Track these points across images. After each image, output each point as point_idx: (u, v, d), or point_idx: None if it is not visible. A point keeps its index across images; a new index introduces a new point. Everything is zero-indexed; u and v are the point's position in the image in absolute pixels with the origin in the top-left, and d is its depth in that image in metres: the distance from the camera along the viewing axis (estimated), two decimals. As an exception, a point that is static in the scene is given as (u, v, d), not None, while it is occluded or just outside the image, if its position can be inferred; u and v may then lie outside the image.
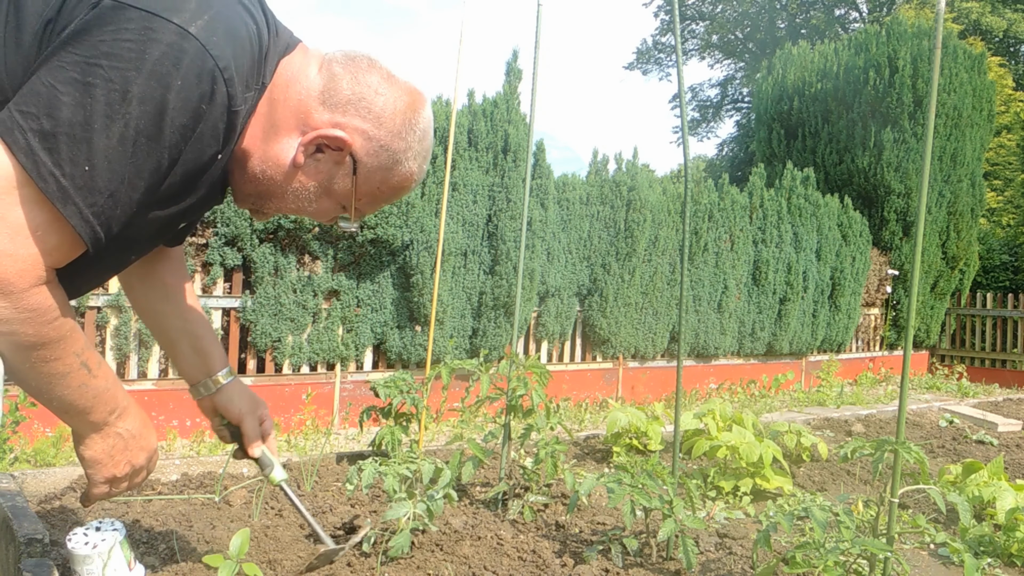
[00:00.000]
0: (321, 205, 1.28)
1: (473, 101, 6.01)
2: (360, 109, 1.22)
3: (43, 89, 0.96)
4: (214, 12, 1.05)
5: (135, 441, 1.31)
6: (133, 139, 1.00)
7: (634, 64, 29.36)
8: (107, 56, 0.97)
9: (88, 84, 0.96)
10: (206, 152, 1.11)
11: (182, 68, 1.00)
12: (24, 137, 0.95)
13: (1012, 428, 5.53)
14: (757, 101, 11.17)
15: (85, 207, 0.99)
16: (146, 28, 0.98)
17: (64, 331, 1.08)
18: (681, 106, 2.57)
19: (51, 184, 0.96)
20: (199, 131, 1.06)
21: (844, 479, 3.83)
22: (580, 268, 6.58)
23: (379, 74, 1.25)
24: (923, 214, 2.06)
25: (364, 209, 1.33)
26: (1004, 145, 16.99)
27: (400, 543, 2.08)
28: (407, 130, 1.26)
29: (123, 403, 1.26)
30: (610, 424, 3.94)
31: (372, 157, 1.24)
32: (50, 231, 0.99)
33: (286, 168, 1.21)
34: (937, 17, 2.08)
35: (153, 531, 2.21)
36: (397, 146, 1.25)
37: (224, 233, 4.86)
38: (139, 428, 1.31)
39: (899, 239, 9.54)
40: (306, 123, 1.20)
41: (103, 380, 1.19)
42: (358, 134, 1.22)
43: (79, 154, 0.97)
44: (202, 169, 1.13)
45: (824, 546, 2.00)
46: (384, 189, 1.30)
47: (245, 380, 5.03)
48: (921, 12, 18.26)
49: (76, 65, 0.96)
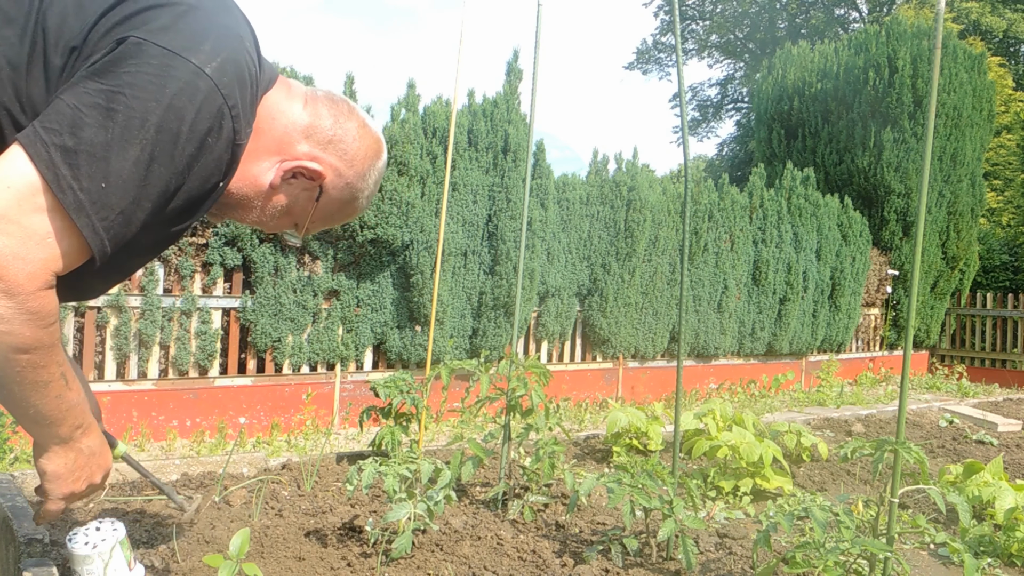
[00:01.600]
0: (279, 221, 1.41)
1: (473, 101, 6.01)
2: (338, 150, 1.36)
3: (68, 110, 1.04)
4: (226, 55, 1.15)
5: (94, 459, 1.35)
6: (147, 163, 1.08)
7: (634, 64, 29.35)
8: (130, 86, 1.06)
9: (111, 110, 1.05)
10: (209, 181, 1.20)
11: (196, 103, 1.10)
12: (47, 151, 1.02)
13: (1012, 428, 5.53)
14: (757, 101, 11.17)
15: (97, 220, 1.07)
16: (167, 65, 1.08)
17: (55, 338, 1.12)
18: (681, 106, 2.57)
19: (69, 196, 1.04)
20: (204, 161, 1.16)
21: (844, 479, 3.83)
22: (580, 268, 6.58)
23: (357, 121, 1.40)
24: (923, 214, 2.06)
25: (312, 229, 1.46)
26: (1004, 145, 16.98)
27: (402, 544, 2.08)
28: (368, 173, 1.42)
29: (88, 420, 1.30)
30: (610, 424, 3.94)
31: (337, 191, 1.39)
32: (61, 239, 1.06)
33: (262, 188, 1.32)
34: (937, 17, 2.08)
35: (153, 531, 2.21)
36: (358, 185, 1.42)
37: (224, 233, 4.86)
38: (98, 447, 1.36)
39: (899, 239, 9.54)
40: (288, 152, 1.33)
41: (75, 394, 1.23)
42: (331, 170, 1.36)
43: (97, 171, 1.05)
44: (204, 196, 1.23)
45: (824, 546, 2.00)
46: (336, 216, 1.46)
47: (245, 380, 5.03)
48: (921, 12, 18.26)
49: (100, 92, 1.05)
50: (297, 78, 5.04)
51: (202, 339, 4.85)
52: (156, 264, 4.71)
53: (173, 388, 4.75)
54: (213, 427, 4.83)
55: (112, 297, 4.56)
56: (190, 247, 4.80)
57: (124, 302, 4.58)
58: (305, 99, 1.36)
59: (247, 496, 2.66)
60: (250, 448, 4.61)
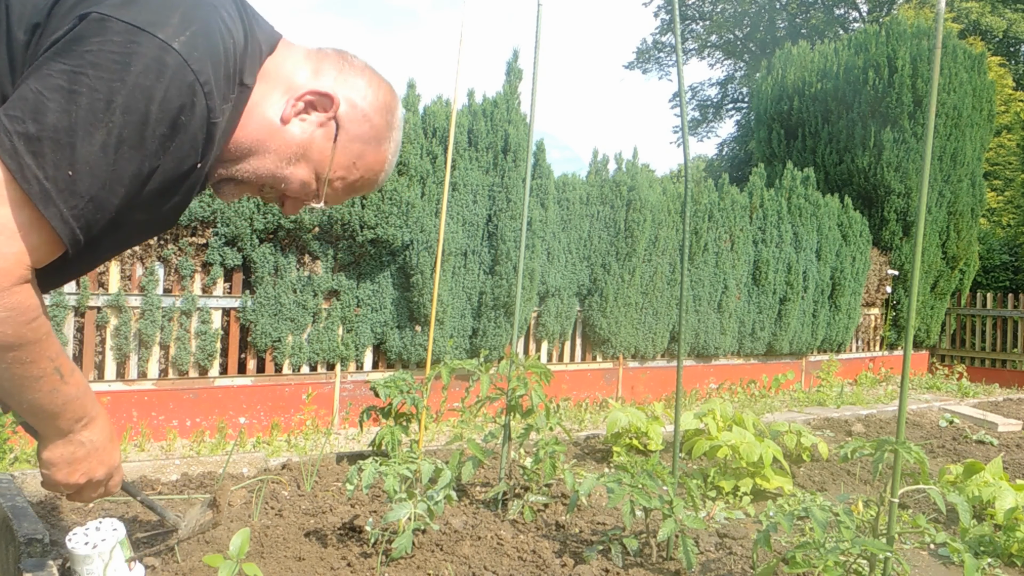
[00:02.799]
0: (296, 172, 1.29)
1: (473, 101, 6.01)
2: (348, 82, 1.30)
3: (30, 95, 0.99)
4: (196, 28, 1.09)
5: (96, 454, 1.31)
6: (115, 147, 1.03)
7: (634, 64, 29.36)
8: (93, 66, 1.00)
9: (74, 92, 0.99)
10: (185, 162, 1.14)
11: (165, 81, 1.04)
12: (10, 140, 0.98)
13: (1012, 428, 5.53)
14: (757, 101, 11.17)
15: (66, 209, 1.02)
16: (131, 41, 1.02)
17: (41, 333, 1.09)
18: (681, 106, 2.57)
19: (34, 186, 0.99)
20: (178, 141, 1.10)
21: (844, 479, 3.83)
22: (580, 268, 6.58)
23: (364, 63, 1.35)
24: (923, 214, 2.06)
25: (336, 188, 1.35)
26: (1004, 145, 16.99)
27: (403, 544, 2.08)
28: (388, 112, 1.34)
29: (92, 413, 1.27)
30: (610, 424, 3.94)
31: (354, 125, 1.30)
32: (31, 231, 1.02)
33: (273, 125, 1.25)
34: (937, 17, 2.08)
35: (153, 531, 2.21)
36: (379, 121, 1.33)
37: (224, 233, 4.86)
38: (103, 442, 1.32)
39: (899, 239, 9.54)
40: (297, 88, 1.27)
41: (74, 388, 1.20)
42: (345, 100, 1.29)
43: (62, 158, 1.00)
44: (181, 178, 1.17)
45: (824, 546, 2.00)
46: (359, 166, 1.34)
47: (245, 380, 5.03)
48: (921, 12, 18.26)
49: (63, 74, 1.00)
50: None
51: (202, 339, 4.85)
52: (156, 264, 4.71)
53: (173, 388, 4.75)
54: (213, 427, 4.83)
55: (112, 297, 4.56)
56: (190, 247, 4.80)
57: (124, 302, 4.58)
58: (309, 50, 1.33)
59: (247, 496, 2.66)
60: (250, 448, 4.61)
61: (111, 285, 4.60)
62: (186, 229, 4.80)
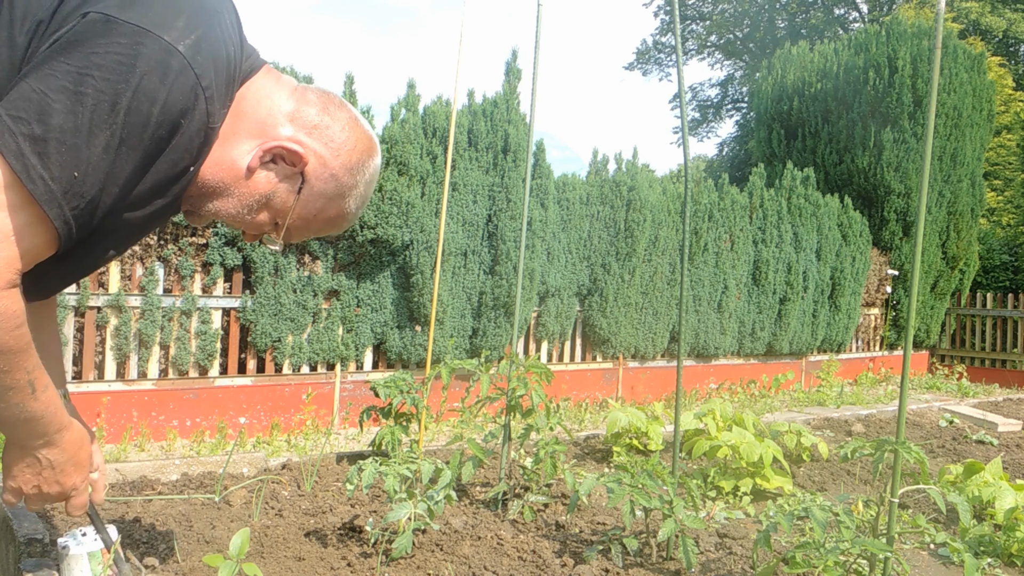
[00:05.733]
0: (257, 216, 1.30)
1: (473, 101, 6.01)
2: (323, 136, 1.28)
3: (35, 96, 0.98)
4: (201, 32, 1.10)
5: (52, 473, 1.29)
6: (116, 148, 1.03)
7: (634, 64, 29.35)
8: (99, 68, 1.00)
9: (79, 93, 0.99)
10: (179, 164, 1.14)
11: (168, 84, 1.04)
12: (15, 141, 0.97)
13: (1012, 428, 5.53)
14: (756, 101, 11.17)
15: (68, 210, 1.02)
16: (136, 43, 1.02)
17: (23, 343, 1.07)
18: (681, 106, 2.57)
19: (40, 186, 0.99)
20: (175, 143, 1.10)
21: (844, 479, 3.83)
22: (580, 268, 6.58)
23: (347, 114, 1.32)
24: (923, 214, 2.06)
25: (292, 233, 1.36)
26: (1004, 145, 16.98)
27: (403, 544, 2.08)
28: (358, 170, 1.32)
29: (54, 435, 1.24)
30: (610, 424, 3.94)
31: (320, 182, 1.29)
32: (27, 233, 1.01)
33: (239, 172, 1.23)
34: (937, 17, 2.08)
35: (153, 531, 2.21)
36: (345, 181, 1.31)
37: (224, 233, 4.86)
38: (63, 464, 1.29)
39: (899, 239, 9.54)
40: (269, 134, 1.24)
41: (42, 406, 1.17)
42: (315, 157, 1.27)
43: (68, 160, 1.00)
44: (172, 180, 1.16)
45: (824, 546, 2.00)
46: (319, 218, 1.34)
47: (245, 380, 5.03)
48: (921, 12, 18.25)
49: (68, 74, 0.99)
50: (297, 78, 5.04)
51: (202, 339, 4.85)
52: (156, 264, 4.71)
53: (173, 388, 4.75)
54: (213, 427, 4.83)
55: (112, 297, 4.56)
56: (190, 247, 4.80)
57: (124, 302, 4.58)
58: (294, 88, 1.30)
59: (247, 496, 2.66)
60: (250, 448, 4.61)
61: (111, 285, 4.60)
62: (186, 229, 4.80)
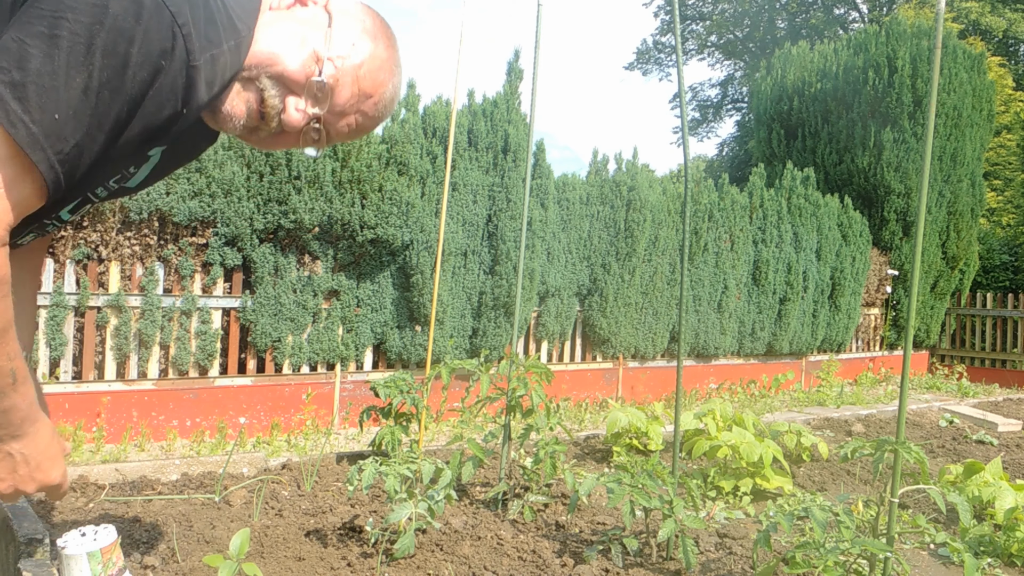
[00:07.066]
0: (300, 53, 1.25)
1: (473, 101, 6.01)
2: None
3: (13, 44, 0.99)
4: None
5: (26, 468, 1.26)
6: (96, 90, 1.02)
7: (634, 64, 29.37)
8: (71, 10, 0.99)
9: (54, 36, 0.99)
10: (165, 108, 1.12)
11: (143, 23, 1.03)
12: None
13: (1012, 428, 5.53)
14: (756, 101, 11.17)
15: (52, 153, 1.02)
16: None
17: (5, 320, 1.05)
18: (681, 106, 2.57)
19: (21, 130, 0.98)
20: (158, 85, 1.09)
21: (844, 479, 3.83)
22: (580, 268, 6.58)
23: None
24: (923, 214, 2.06)
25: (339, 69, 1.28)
26: (1004, 145, 16.99)
27: (405, 544, 2.09)
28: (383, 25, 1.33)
29: (29, 429, 1.21)
30: (610, 424, 3.94)
31: (346, 16, 1.29)
32: (16, 184, 1.01)
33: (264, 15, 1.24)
34: (937, 17, 2.08)
35: (153, 531, 2.21)
36: (372, 21, 1.32)
37: (224, 233, 4.86)
38: (37, 459, 1.26)
39: (899, 239, 9.54)
40: None
41: (20, 399, 1.14)
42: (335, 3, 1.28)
43: (48, 102, 0.99)
44: (164, 125, 1.14)
45: (824, 546, 2.00)
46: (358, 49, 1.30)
47: (245, 380, 5.03)
48: (921, 12, 18.26)
49: (42, 19, 0.99)
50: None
51: (202, 339, 4.85)
52: (156, 264, 4.71)
53: (173, 388, 4.75)
54: (213, 427, 4.83)
55: (112, 297, 4.56)
56: (190, 247, 4.80)
57: (124, 302, 4.58)
58: None
59: (247, 496, 2.66)
60: (250, 448, 4.61)
61: (111, 285, 4.60)
62: (186, 229, 4.80)
